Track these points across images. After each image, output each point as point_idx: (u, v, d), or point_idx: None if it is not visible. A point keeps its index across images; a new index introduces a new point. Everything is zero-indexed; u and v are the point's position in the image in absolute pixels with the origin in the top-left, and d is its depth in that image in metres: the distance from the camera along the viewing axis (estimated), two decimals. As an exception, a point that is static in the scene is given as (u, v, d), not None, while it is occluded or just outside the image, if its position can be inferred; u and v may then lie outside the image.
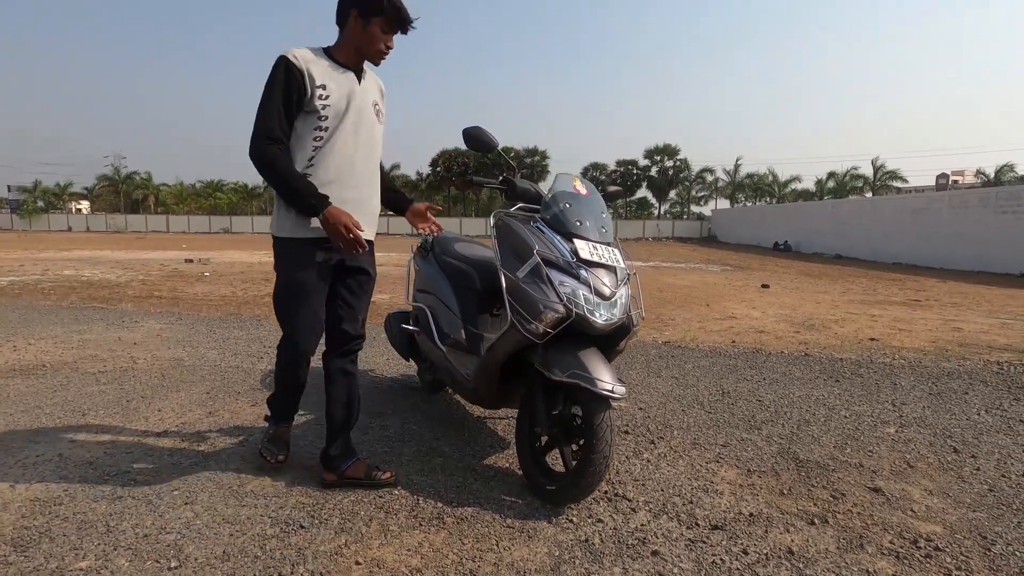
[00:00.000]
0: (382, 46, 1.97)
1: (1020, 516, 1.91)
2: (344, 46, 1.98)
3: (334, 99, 1.92)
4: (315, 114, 1.90)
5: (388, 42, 1.98)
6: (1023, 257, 14.35)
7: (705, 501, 1.97)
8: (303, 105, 1.89)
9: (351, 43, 1.96)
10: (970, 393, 3.33)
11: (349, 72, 1.97)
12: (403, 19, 1.96)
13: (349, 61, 1.98)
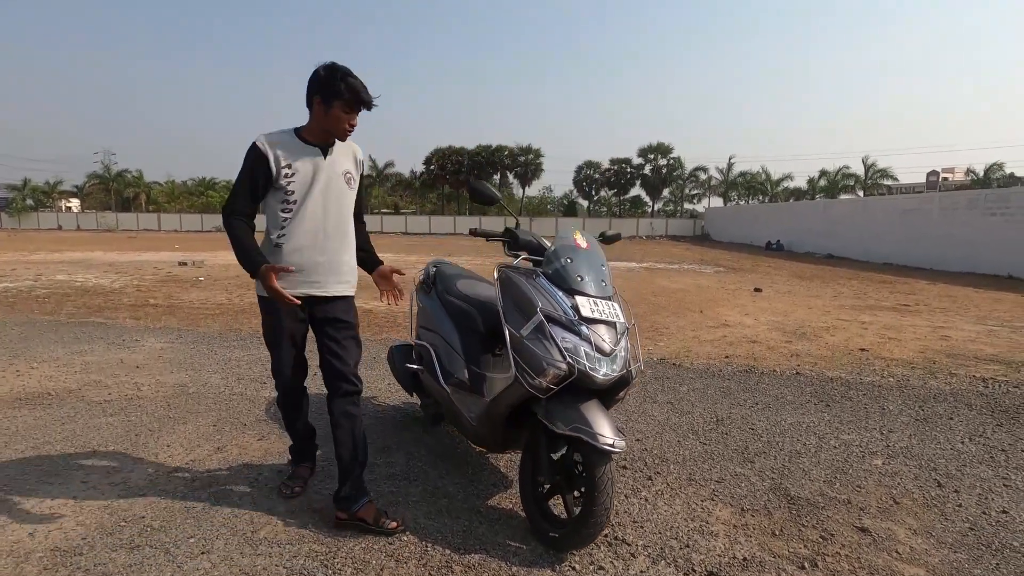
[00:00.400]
0: (346, 125, 2.18)
1: (998, 557, 2.01)
2: (312, 127, 2.20)
3: (300, 176, 2.17)
4: (282, 190, 2.16)
5: (351, 121, 2.19)
6: (1010, 259, 14.57)
7: (701, 544, 2.06)
8: (271, 183, 2.17)
9: (317, 124, 2.19)
10: (955, 419, 3.45)
11: (316, 149, 2.20)
12: (363, 100, 2.15)
13: (317, 140, 2.20)
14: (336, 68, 2.13)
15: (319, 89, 2.13)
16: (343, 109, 2.13)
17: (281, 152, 2.15)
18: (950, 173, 46.00)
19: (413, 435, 3.10)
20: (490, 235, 2.39)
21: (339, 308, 2.27)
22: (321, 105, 2.14)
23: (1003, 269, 14.58)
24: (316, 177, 2.20)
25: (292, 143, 2.19)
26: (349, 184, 2.29)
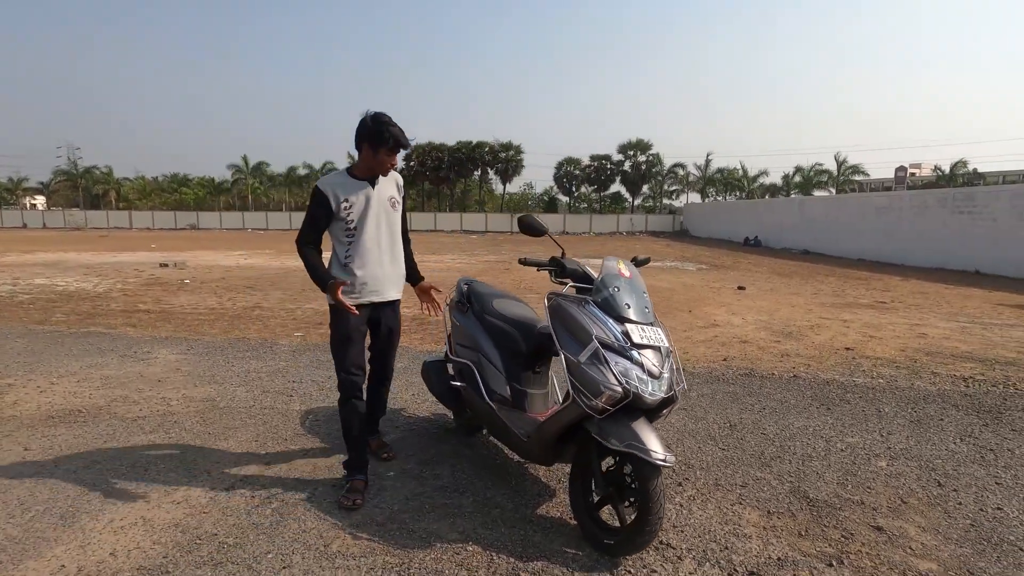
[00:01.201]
0: (388, 165, 2.72)
1: (999, 550, 2.27)
2: (361, 166, 2.73)
3: (356, 207, 2.69)
4: (343, 220, 2.68)
5: (392, 161, 2.73)
6: (977, 256, 15.26)
7: (738, 546, 2.28)
8: (332, 217, 2.68)
9: (365, 164, 2.71)
10: (945, 420, 3.74)
11: (365, 183, 2.72)
12: (402, 145, 2.66)
13: (365, 175, 2.73)
14: (381, 119, 2.62)
15: (367, 137, 2.63)
16: (387, 153, 2.66)
17: (339, 190, 2.68)
18: (917, 169, 47.50)
19: (451, 447, 3.27)
20: (539, 264, 2.56)
21: (390, 313, 2.90)
22: (369, 149, 2.65)
23: (971, 265, 15.27)
24: (368, 206, 2.72)
25: (346, 181, 2.72)
26: (394, 207, 2.84)
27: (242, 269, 13.56)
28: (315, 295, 9.02)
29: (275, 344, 5.77)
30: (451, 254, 19.70)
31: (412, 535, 2.35)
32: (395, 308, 2.93)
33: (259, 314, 7.43)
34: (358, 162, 2.75)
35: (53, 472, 2.91)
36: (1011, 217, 14.84)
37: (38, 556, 2.21)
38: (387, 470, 2.95)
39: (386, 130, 2.60)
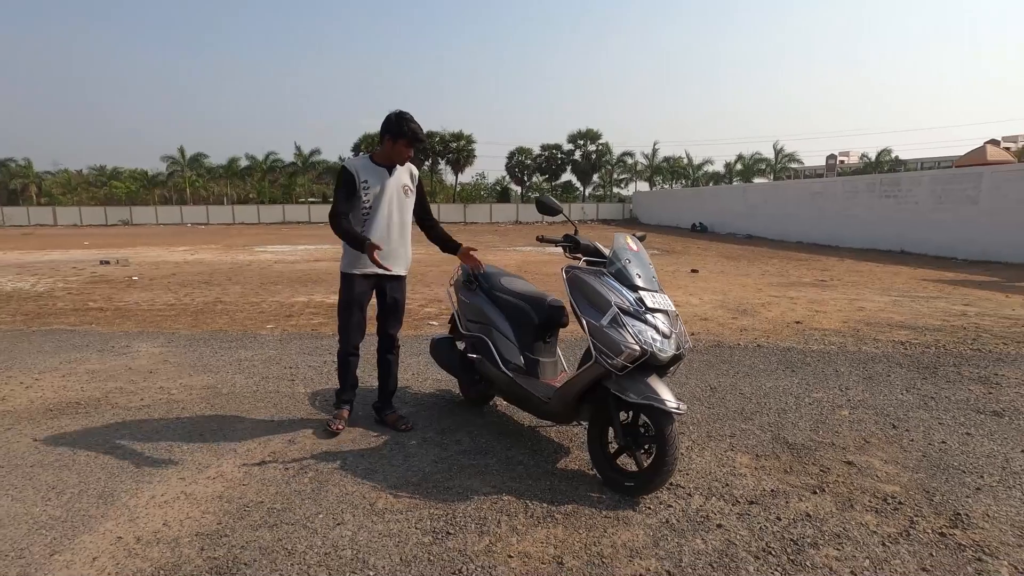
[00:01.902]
0: (405, 155, 3.13)
1: (946, 474, 2.71)
2: (382, 155, 3.13)
3: (373, 189, 3.08)
4: (360, 198, 3.06)
5: (409, 153, 3.13)
6: (903, 236, 16.57)
7: (736, 483, 2.62)
8: (355, 192, 3.04)
9: (385, 154, 3.11)
10: (891, 376, 4.25)
11: (383, 169, 3.12)
12: (420, 140, 3.09)
13: (384, 163, 3.13)
14: (403, 116, 3.03)
15: (390, 130, 3.04)
16: (405, 145, 3.07)
17: (361, 171, 3.08)
18: (846, 156, 50.52)
19: (464, 417, 3.48)
20: (555, 242, 2.80)
21: (398, 286, 3.28)
22: (390, 141, 3.06)
23: (897, 245, 16.57)
24: (384, 190, 3.12)
25: (368, 165, 3.12)
26: (407, 194, 3.22)
27: (192, 264, 13.13)
28: (279, 288, 9.00)
29: (256, 335, 5.78)
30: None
31: (448, 491, 2.57)
32: (401, 283, 3.31)
33: (223, 308, 7.32)
34: (380, 150, 3.15)
35: (75, 458, 2.94)
36: (931, 200, 16.20)
37: (90, 531, 2.29)
38: (408, 439, 3.14)
39: (406, 125, 3.02)
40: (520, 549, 2.14)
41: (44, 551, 2.16)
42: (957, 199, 15.37)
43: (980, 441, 3.07)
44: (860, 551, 2.12)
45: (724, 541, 2.18)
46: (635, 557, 2.08)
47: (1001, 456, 2.89)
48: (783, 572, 2.00)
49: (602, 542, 2.17)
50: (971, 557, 2.08)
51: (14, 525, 2.33)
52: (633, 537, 2.20)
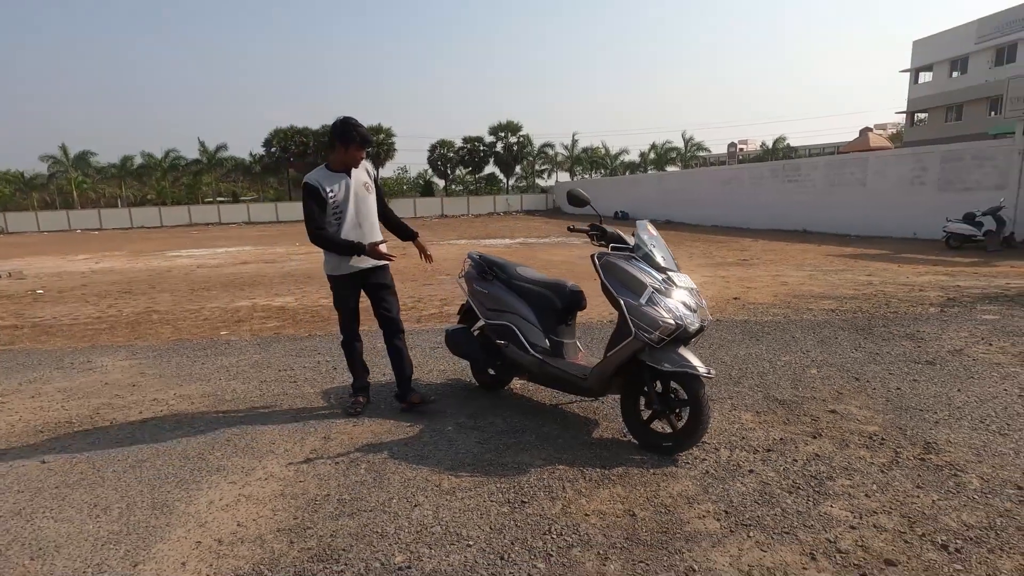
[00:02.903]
0: (358, 158, 3.33)
1: (909, 412, 3.25)
2: (336, 161, 3.32)
3: (339, 194, 3.28)
4: (330, 207, 3.27)
5: (361, 155, 3.34)
6: (803, 217, 18.28)
7: (750, 436, 3.01)
8: (324, 202, 3.24)
9: (339, 159, 3.31)
10: (839, 338, 4.89)
11: (342, 174, 3.32)
12: (369, 142, 3.33)
13: (341, 169, 3.32)
14: (349, 122, 3.24)
15: (340, 136, 3.25)
16: (356, 149, 3.28)
17: (324, 182, 3.28)
18: (744, 144, 54.43)
19: (487, 402, 3.66)
20: (585, 231, 3.04)
21: (381, 274, 3.49)
22: (343, 148, 3.26)
23: (799, 225, 18.27)
24: (348, 192, 3.32)
25: (328, 174, 3.32)
26: (368, 191, 3.44)
27: (101, 274, 12.15)
28: (214, 294, 8.65)
29: (229, 342, 5.59)
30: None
31: (505, 467, 2.76)
32: (384, 269, 3.52)
33: (160, 318, 6.90)
34: (333, 158, 3.34)
35: (102, 475, 2.83)
36: (825, 183, 17.99)
37: (162, 540, 2.28)
38: (444, 425, 3.28)
39: (354, 131, 3.24)
40: (592, 508, 2.38)
41: (124, 563, 2.14)
42: (848, 182, 17.19)
43: (925, 385, 3.67)
44: (866, 478, 2.55)
45: (759, 482, 2.54)
46: (693, 503, 2.39)
47: (944, 396, 3.49)
48: (813, 501, 2.38)
49: (660, 494, 2.46)
50: (948, 474, 2.57)
51: (74, 544, 2.27)
52: (685, 488, 2.51)
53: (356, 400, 3.54)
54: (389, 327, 3.53)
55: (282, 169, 45.32)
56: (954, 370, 3.95)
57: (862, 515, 2.27)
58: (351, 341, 3.55)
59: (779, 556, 2.04)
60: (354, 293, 3.48)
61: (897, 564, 1.98)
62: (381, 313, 3.51)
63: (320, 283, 9.40)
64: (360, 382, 3.60)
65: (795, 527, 2.21)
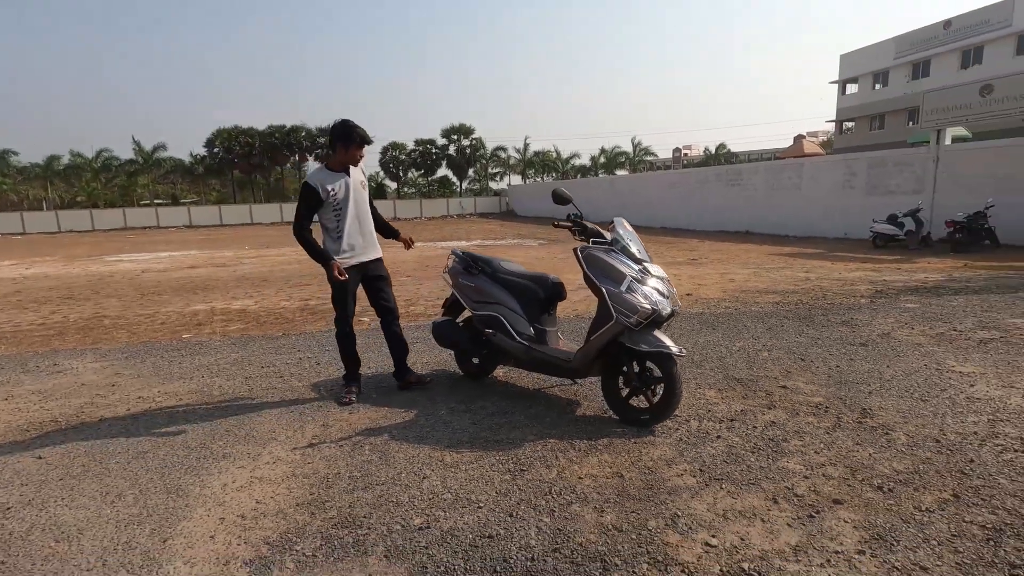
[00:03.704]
0: (358, 157, 3.56)
1: (847, 386, 3.71)
2: (337, 161, 3.55)
3: (339, 194, 3.51)
4: (331, 205, 3.51)
5: (360, 154, 3.56)
6: (746, 219, 19.35)
7: (716, 409, 3.38)
8: (322, 203, 3.48)
9: (340, 160, 3.54)
10: (784, 326, 5.40)
11: (342, 174, 3.54)
12: (367, 141, 3.54)
13: (340, 169, 3.55)
14: (348, 124, 3.46)
15: (340, 137, 3.48)
16: (357, 148, 3.50)
17: (324, 182, 3.49)
18: (689, 149, 56.60)
19: (473, 388, 3.90)
20: (568, 226, 3.34)
21: (379, 266, 3.76)
22: (343, 148, 3.48)
23: (743, 227, 19.33)
24: (348, 191, 3.56)
25: (328, 175, 3.53)
26: (364, 189, 3.71)
27: (35, 279, 11.58)
28: (165, 299, 8.55)
29: (202, 342, 5.59)
30: (289, 247, 18.82)
31: (500, 443, 3.01)
32: (380, 262, 3.80)
33: (113, 323, 6.73)
34: (334, 158, 3.56)
35: (106, 466, 2.90)
36: (766, 187, 19.11)
37: (185, 518, 2.40)
38: (438, 410, 3.50)
39: (354, 132, 3.45)
40: (584, 472, 2.67)
41: (153, 539, 2.26)
42: (786, 186, 18.33)
43: (859, 364, 4.17)
44: (815, 439, 2.95)
45: (727, 446, 2.89)
46: (672, 464, 2.72)
47: (876, 371, 3.98)
48: (772, 458, 2.76)
49: (643, 459, 2.78)
50: (881, 433, 3.01)
51: (96, 527, 2.36)
52: (663, 453, 2.84)
53: (349, 390, 3.71)
54: (387, 315, 3.80)
55: (226, 170, 43.78)
56: (883, 350, 4.48)
57: (813, 467, 2.66)
58: (346, 333, 3.72)
59: (747, 501, 2.38)
60: (354, 284, 3.66)
61: (844, 502, 2.36)
62: (380, 303, 3.78)
63: (277, 286, 9.35)
64: (353, 373, 3.79)
65: (759, 479, 2.56)
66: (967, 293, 6.80)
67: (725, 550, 2.07)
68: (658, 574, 1.96)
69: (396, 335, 3.83)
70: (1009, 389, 3.56)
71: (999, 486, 2.45)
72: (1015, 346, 4.46)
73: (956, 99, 13.73)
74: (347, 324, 3.71)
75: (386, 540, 2.19)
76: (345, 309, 3.67)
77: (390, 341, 3.85)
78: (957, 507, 2.30)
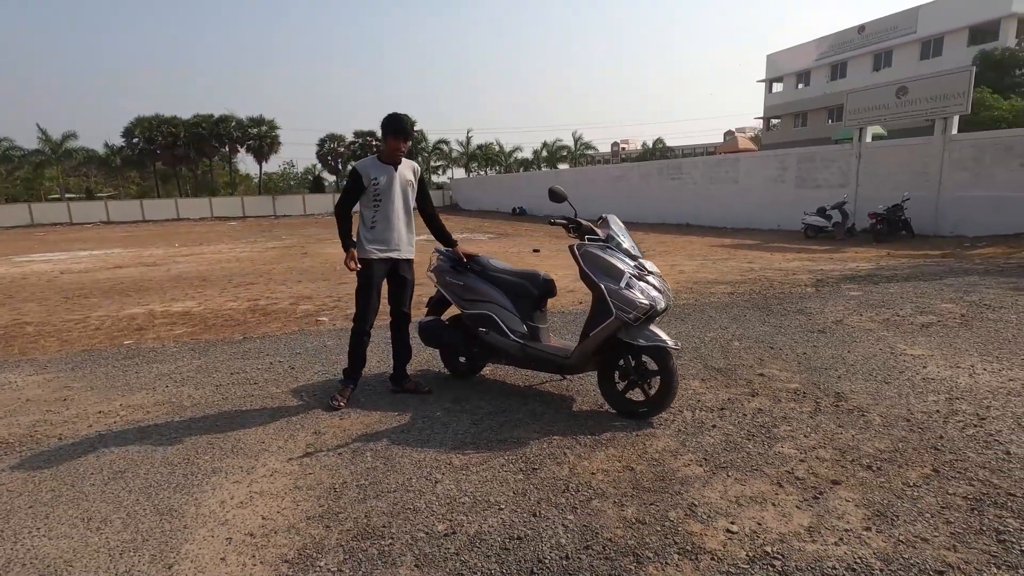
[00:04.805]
0: (398, 149, 3.56)
1: (817, 371, 3.94)
2: (386, 153, 3.58)
3: (382, 184, 3.53)
4: (371, 194, 3.53)
5: (400, 146, 3.55)
6: (686, 211, 20.10)
7: (704, 399, 3.51)
8: (363, 189, 3.52)
9: (388, 151, 3.57)
10: (747, 315, 5.66)
11: (390, 167, 3.56)
12: (405, 133, 3.57)
13: (389, 161, 3.58)
14: (391, 116, 3.51)
15: (387, 129, 3.53)
16: (393, 140, 3.52)
17: (370, 170, 3.54)
18: (627, 143, 58.03)
19: (464, 388, 3.85)
20: (563, 224, 3.34)
21: (406, 267, 3.69)
22: (391, 139, 3.51)
23: (683, 219, 20.06)
24: (391, 185, 3.56)
25: (376, 164, 3.58)
26: (411, 188, 3.67)
27: None
28: (94, 302, 8.00)
29: (157, 349, 5.23)
30: (225, 243, 17.90)
31: (505, 442, 3.00)
32: (410, 264, 3.73)
33: (38, 331, 6.14)
34: (383, 150, 3.61)
35: (82, 490, 2.67)
36: (705, 181, 19.90)
37: (188, 540, 2.26)
38: (434, 411, 3.44)
39: (396, 123, 3.51)
40: (596, 467, 2.70)
41: (156, 566, 2.10)
42: (723, 180, 19.16)
43: (824, 350, 4.44)
44: (801, 424, 3.13)
45: (723, 434, 3.02)
46: (677, 455, 2.80)
47: (839, 357, 4.26)
48: (767, 444, 2.90)
49: (648, 451, 2.85)
50: (858, 415, 3.22)
51: (86, 556, 2.18)
52: (666, 444, 2.92)
53: (341, 393, 3.62)
54: (400, 319, 3.75)
55: (147, 162, 40.90)
56: (841, 336, 4.79)
57: (806, 451, 2.82)
58: (363, 332, 3.63)
59: (756, 487, 2.50)
60: (380, 280, 3.61)
61: (841, 482, 2.51)
62: (396, 305, 3.74)
63: (220, 286, 8.89)
64: (356, 373, 3.71)
65: (760, 465, 2.69)
66: (899, 281, 7.38)
67: (747, 535, 2.16)
68: (690, 563, 2.02)
69: (403, 340, 3.79)
70: (956, 369, 3.90)
71: (969, 459, 2.68)
72: (952, 329, 4.89)
73: (875, 99, 14.79)
74: (366, 323, 3.61)
75: (413, 549, 2.14)
76: (367, 304, 3.57)
77: (396, 344, 3.79)
78: (939, 481, 2.50)
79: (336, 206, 3.62)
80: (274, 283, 9.12)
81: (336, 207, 3.62)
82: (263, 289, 8.57)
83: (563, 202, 3.38)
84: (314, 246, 15.99)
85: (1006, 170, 12.10)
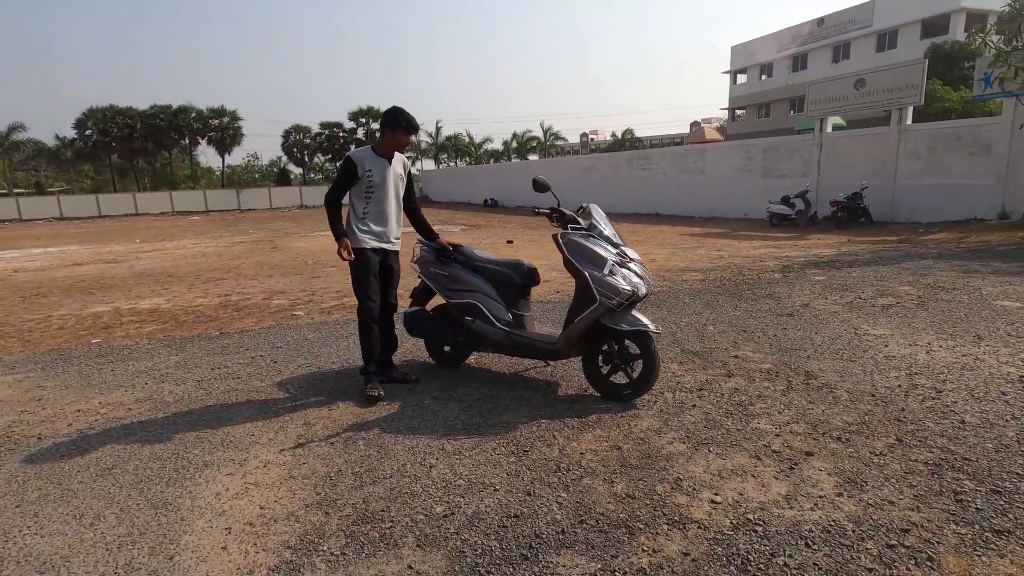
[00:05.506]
0: (403, 142, 3.60)
1: (788, 352, 4.13)
2: (382, 145, 3.58)
3: (376, 176, 3.51)
4: (364, 184, 3.50)
5: (406, 140, 3.59)
6: (655, 201, 20.43)
7: (683, 381, 3.65)
8: (357, 179, 3.49)
9: (386, 144, 3.57)
10: (719, 301, 5.86)
11: (384, 159, 3.55)
12: (414, 128, 3.57)
13: (384, 153, 3.57)
14: (398, 110, 3.51)
15: (388, 123, 3.53)
16: (402, 135, 3.54)
17: (365, 161, 3.51)
18: (595, 134, 58.39)
19: (451, 377, 3.91)
20: (546, 214, 3.42)
21: (394, 258, 3.70)
22: (391, 133, 3.52)
23: (653, 209, 20.40)
24: (384, 177, 3.55)
25: (371, 155, 3.55)
26: (401, 182, 3.70)
27: None
28: (55, 301, 7.76)
29: (129, 346, 5.12)
30: (189, 239, 17.44)
31: (495, 427, 3.08)
32: (397, 255, 3.74)
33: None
34: (380, 142, 3.60)
35: (70, 487, 2.64)
36: (673, 171, 20.26)
37: (187, 532, 2.27)
38: (422, 399, 3.50)
39: (401, 117, 3.50)
40: (584, 448, 2.81)
41: (156, 558, 2.12)
42: (691, 170, 19.55)
43: (792, 332, 4.65)
44: (774, 400, 3.29)
45: (703, 413, 3.16)
46: (660, 434, 2.93)
47: (807, 338, 4.47)
48: (745, 420, 3.05)
49: (633, 431, 2.97)
50: (826, 392, 3.41)
51: (83, 552, 2.18)
52: (650, 424, 3.05)
53: (372, 385, 3.56)
54: (384, 306, 3.72)
55: (102, 155, 39.32)
56: (808, 319, 5.02)
57: (780, 426, 2.98)
58: (371, 320, 3.59)
59: (736, 461, 2.64)
60: (375, 267, 3.57)
61: (814, 453, 2.68)
62: (384, 295, 3.72)
63: (188, 282, 8.71)
64: (374, 366, 3.66)
65: (739, 440, 2.83)
66: (860, 265, 7.71)
67: (730, 505, 2.29)
68: (679, 532, 2.14)
69: (389, 329, 3.78)
70: (914, 347, 4.14)
71: (928, 429, 2.88)
72: (909, 310, 5.17)
73: (835, 91, 15.29)
74: (371, 312, 3.57)
75: (414, 530, 2.21)
76: (367, 292, 3.55)
77: (382, 335, 3.73)
78: (903, 449, 2.69)
79: (328, 194, 3.54)
80: (244, 278, 8.97)
81: (327, 195, 3.54)
82: (233, 284, 8.42)
83: (546, 192, 3.45)
84: (283, 240, 15.73)
85: (957, 159, 12.69)
